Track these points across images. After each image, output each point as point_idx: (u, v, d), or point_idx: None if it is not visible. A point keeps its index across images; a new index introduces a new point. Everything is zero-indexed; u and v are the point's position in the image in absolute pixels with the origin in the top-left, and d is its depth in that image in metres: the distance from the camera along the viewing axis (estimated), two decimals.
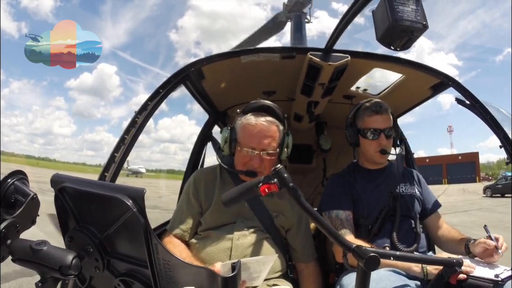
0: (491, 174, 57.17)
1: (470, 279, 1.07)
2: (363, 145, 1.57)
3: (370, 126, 1.52)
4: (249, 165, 1.37)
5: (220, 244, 1.32)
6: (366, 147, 1.55)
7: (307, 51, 1.65)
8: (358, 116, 1.58)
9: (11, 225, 0.64)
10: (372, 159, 1.57)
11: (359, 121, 1.57)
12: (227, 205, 0.92)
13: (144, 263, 0.65)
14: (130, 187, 0.65)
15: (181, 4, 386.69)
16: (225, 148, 1.43)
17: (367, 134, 1.53)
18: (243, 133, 1.38)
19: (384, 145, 1.51)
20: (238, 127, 1.41)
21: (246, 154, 1.36)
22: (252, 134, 1.36)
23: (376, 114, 1.52)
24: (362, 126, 1.54)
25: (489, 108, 1.62)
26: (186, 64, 1.69)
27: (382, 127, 1.51)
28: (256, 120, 1.36)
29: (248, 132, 1.37)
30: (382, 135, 1.51)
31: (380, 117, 1.52)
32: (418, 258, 1.09)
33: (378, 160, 1.56)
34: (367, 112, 1.54)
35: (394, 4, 1.06)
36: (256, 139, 1.35)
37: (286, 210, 1.43)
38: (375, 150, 1.53)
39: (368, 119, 1.53)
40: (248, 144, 1.36)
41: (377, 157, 1.54)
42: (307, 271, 1.43)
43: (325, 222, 0.87)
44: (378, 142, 1.51)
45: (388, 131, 1.52)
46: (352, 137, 1.58)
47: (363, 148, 1.58)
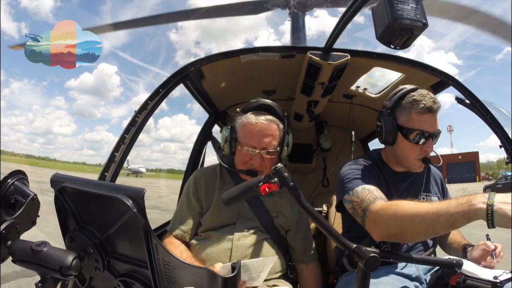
0: (491, 173, 57.21)
1: (469, 280, 1.07)
2: (402, 147, 1.26)
3: (419, 127, 1.22)
4: (250, 164, 1.36)
5: (220, 245, 1.32)
6: (407, 151, 1.26)
7: (306, 50, 1.65)
8: (403, 108, 1.25)
9: (11, 226, 0.64)
10: (408, 165, 1.30)
11: (403, 115, 1.25)
12: (227, 204, 0.92)
13: (144, 264, 0.65)
14: (130, 187, 0.65)
15: (181, 4, 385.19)
16: (225, 147, 1.42)
17: (412, 136, 1.22)
18: (244, 132, 1.38)
19: (428, 152, 1.25)
20: (238, 126, 1.41)
21: (246, 153, 1.36)
22: (253, 133, 1.35)
23: (428, 113, 1.21)
24: (407, 125, 1.23)
25: (489, 108, 1.62)
26: (186, 63, 1.69)
27: (432, 131, 1.22)
28: (256, 119, 1.36)
29: (249, 131, 1.36)
30: (431, 140, 1.23)
31: (432, 117, 1.23)
32: (418, 259, 1.09)
33: (417, 169, 1.29)
34: (417, 108, 1.22)
35: (394, 3, 1.05)
36: (257, 138, 1.35)
37: (286, 210, 1.43)
38: (417, 157, 1.25)
39: (418, 117, 1.22)
40: (248, 143, 1.35)
41: (417, 166, 1.27)
42: (307, 272, 1.43)
43: (325, 222, 0.87)
44: (423, 149, 1.23)
45: (437, 135, 1.25)
46: (389, 133, 1.26)
47: (399, 150, 1.28)
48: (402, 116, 1.25)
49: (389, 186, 1.30)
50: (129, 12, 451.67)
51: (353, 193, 1.19)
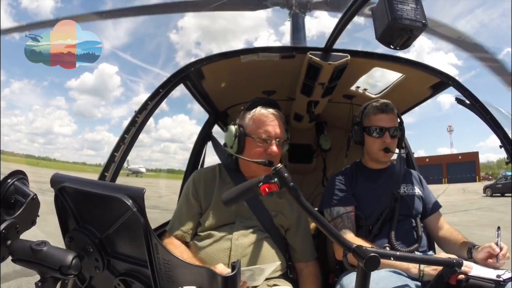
0: (491, 173, 57.21)
1: (472, 279, 1.07)
2: (368, 143, 1.57)
3: (376, 124, 1.54)
4: (267, 155, 1.37)
5: (219, 244, 1.32)
6: (371, 145, 1.56)
7: (306, 51, 1.65)
8: (365, 114, 1.59)
9: (11, 226, 0.64)
10: (375, 157, 1.58)
11: (365, 119, 1.58)
12: (227, 204, 0.92)
13: (144, 263, 0.65)
14: (130, 187, 0.65)
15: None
16: (234, 145, 1.40)
17: (372, 132, 1.54)
18: (256, 124, 1.40)
19: (388, 143, 1.52)
20: (247, 121, 1.42)
21: (261, 144, 1.38)
22: (267, 122, 1.39)
23: (382, 113, 1.54)
24: (368, 124, 1.56)
25: (489, 108, 1.62)
26: (186, 64, 1.69)
27: (387, 126, 1.53)
28: (267, 111, 1.41)
29: (262, 121, 1.40)
30: (387, 133, 1.52)
31: (386, 116, 1.54)
32: (418, 258, 1.10)
33: (382, 158, 1.57)
34: (373, 110, 1.56)
35: (394, 3, 1.06)
36: (271, 127, 1.39)
37: (285, 209, 1.43)
38: (379, 148, 1.53)
39: (374, 117, 1.55)
40: (263, 133, 1.38)
41: (381, 155, 1.55)
42: (306, 271, 1.43)
43: (325, 222, 0.87)
44: (382, 140, 1.52)
45: (393, 130, 1.54)
46: (357, 135, 1.59)
47: (367, 146, 1.58)
48: (365, 120, 1.58)
49: (366, 183, 1.57)
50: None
51: (330, 212, 1.51)
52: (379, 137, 1.53)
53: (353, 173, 1.61)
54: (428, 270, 1.18)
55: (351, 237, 1.38)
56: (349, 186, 1.56)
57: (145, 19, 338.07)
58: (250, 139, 1.39)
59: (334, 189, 1.56)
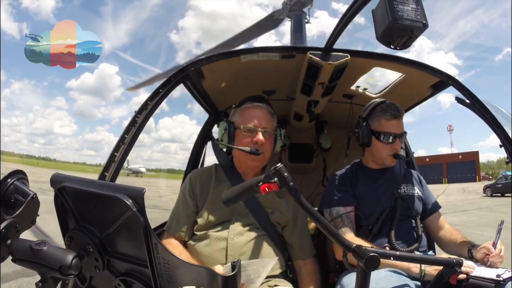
0: (491, 173, 57.20)
1: (472, 279, 1.07)
2: (376, 147, 1.54)
3: (387, 131, 1.51)
4: (253, 144, 1.40)
5: (215, 244, 1.32)
6: (380, 150, 1.54)
7: (306, 50, 1.65)
8: (374, 117, 1.55)
9: (11, 225, 0.64)
10: (383, 162, 1.56)
11: (375, 122, 1.54)
12: (227, 204, 0.92)
13: (144, 263, 0.65)
14: (130, 187, 0.65)
15: (182, 4, 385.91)
16: (224, 137, 1.45)
17: (383, 138, 1.51)
18: (242, 117, 1.45)
19: (398, 149, 1.52)
20: (235, 115, 1.48)
21: (247, 134, 1.41)
22: (252, 114, 1.44)
23: (394, 119, 1.52)
24: (378, 129, 1.52)
25: (489, 107, 1.62)
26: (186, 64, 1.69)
27: (399, 132, 1.52)
28: (253, 104, 1.46)
29: (247, 114, 1.45)
30: (398, 140, 1.51)
31: (398, 122, 1.52)
32: (418, 258, 1.09)
33: (390, 163, 1.56)
34: (385, 115, 1.52)
35: (394, 3, 1.06)
36: (256, 118, 1.43)
37: (281, 206, 1.43)
38: (389, 153, 1.52)
39: (386, 123, 1.51)
40: (249, 123, 1.42)
41: (389, 160, 1.54)
42: (305, 268, 1.42)
43: (325, 222, 0.87)
44: (393, 147, 1.51)
45: (403, 135, 1.54)
46: (364, 137, 1.55)
47: (374, 150, 1.56)
48: (374, 123, 1.54)
49: (366, 183, 1.56)
50: (130, 12, 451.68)
51: (330, 212, 1.51)
52: (390, 143, 1.51)
53: (354, 173, 1.60)
54: (429, 270, 1.18)
55: (351, 237, 1.38)
56: (349, 186, 1.55)
57: (145, 20, 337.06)
58: (238, 131, 1.44)
59: (334, 189, 1.56)
